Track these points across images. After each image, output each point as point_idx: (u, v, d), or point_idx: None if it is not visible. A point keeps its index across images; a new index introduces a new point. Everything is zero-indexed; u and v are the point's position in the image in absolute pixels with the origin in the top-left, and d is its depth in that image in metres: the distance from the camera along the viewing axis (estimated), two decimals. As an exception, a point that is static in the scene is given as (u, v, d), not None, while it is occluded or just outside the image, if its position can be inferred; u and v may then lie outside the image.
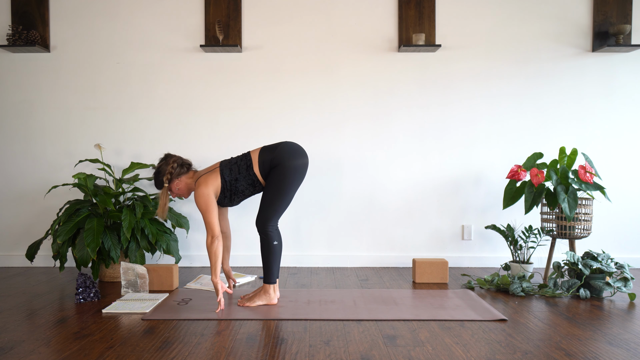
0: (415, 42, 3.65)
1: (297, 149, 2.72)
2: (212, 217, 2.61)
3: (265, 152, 2.72)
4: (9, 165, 3.84)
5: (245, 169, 2.70)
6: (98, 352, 2.06)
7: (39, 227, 3.85)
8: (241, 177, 2.70)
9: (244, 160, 2.73)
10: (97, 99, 3.83)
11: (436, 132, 3.83)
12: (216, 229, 2.61)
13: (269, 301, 2.72)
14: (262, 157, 2.70)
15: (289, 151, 2.69)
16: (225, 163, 2.75)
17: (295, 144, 2.76)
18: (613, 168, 3.82)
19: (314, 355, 2.03)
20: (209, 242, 2.61)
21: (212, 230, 2.61)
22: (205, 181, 2.68)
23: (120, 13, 3.80)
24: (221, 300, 2.62)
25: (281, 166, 2.66)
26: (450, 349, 2.10)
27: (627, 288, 2.90)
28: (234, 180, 2.69)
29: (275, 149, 2.72)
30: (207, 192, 2.64)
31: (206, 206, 2.62)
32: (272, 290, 2.72)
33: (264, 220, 2.68)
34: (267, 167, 2.70)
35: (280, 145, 2.73)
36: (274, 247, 2.69)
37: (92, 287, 2.87)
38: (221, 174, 2.70)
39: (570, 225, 3.25)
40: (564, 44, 3.80)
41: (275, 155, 2.68)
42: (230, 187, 2.70)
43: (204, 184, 2.67)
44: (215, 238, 2.60)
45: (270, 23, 3.80)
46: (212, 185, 2.67)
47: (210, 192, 2.65)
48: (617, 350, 2.10)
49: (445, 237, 3.87)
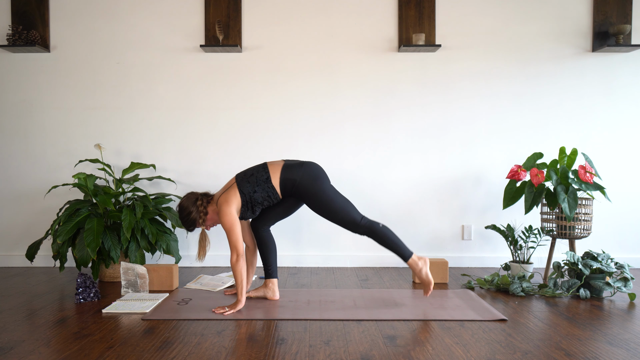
0: (415, 42, 3.65)
1: (319, 174, 2.73)
2: (237, 235, 2.61)
3: (288, 171, 2.70)
4: (9, 165, 3.84)
5: (264, 181, 2.69)
6: (98, 352, 2.06)
7: (39, 227, 3.85)
8: (259, 188, 2.69)
9: (261, 172, 2.71)
10: (97, 99, 3.83)
11: (436, 132, 3.83)
12: (240, 248, 2.61)
13: (425, 259, 2.75)
14: (284, 175, 2.69)
15: (313, 177, 2.70)
16: (242, 176, 2.73)
17: (317, 167, 2.75)
18: (613, 168, 3.82)
19: (314, 355, 2.03)
20: (233, 260, 2.60)
21: (236, 249, 2.60)
22: (227, 200, 2.66)
23: (120, 13, 3.80)
24: (227, 313, 2.58)
25: (312, 193, 2.68)
26: (450, 349, 2.10)
27: (627, 288, 2.90)
28: (253, 192, 2.69)
29: (299, 169, 2.70)
30: (230, 211, 2.63)
31: (230, 225, 2.61)
32: (421, 261, 2.75)
33: (351, 225, 2.70)
34: (289, 187, 2.70)
35: (303, 169, 2.71)
36: (383, 230, 2.69)
37: (92, 287, 2.87)
38: (239, 189, 2.68)
39: (570, 225, 3.25)
40: (564, 44, 3.80)
41: (300, 183, 2.68)
42: (250, 199, 2.69)
43: (226, 203, 2.65)
44: (240, 257, 2.60)
45: (270, 23, 3.80)
46: (234, 203, 2.66)
47: (233, 211, 2.65)
48: (617, 350, 2.10)
49: (445, 237, 3.87)
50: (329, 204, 2.68)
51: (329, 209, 2.69)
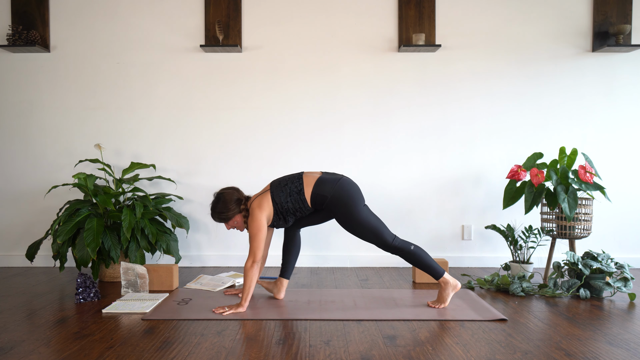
0: (415, 42, 3.65)
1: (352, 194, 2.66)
2: (260, 242, 2.60)
3: (321, 186, 2.65)
4: (9, 165, 3.84)
5: (297, 192, 2.67)
6: (98, 352, 2.06)
7: (39, 227, 3.85)
8: (291, 199, 2.67)
9: (295, 182, 2.69)
10: (97, 99, 3.83)
11: (436, 132, 3.83)
12: (259, 255, 2.60)
13: (455, 285, 2.71)
14: (316, 189, 2.64)
15: (345, 196, 2.64)
16: (276, 184, 2.72)
17: (351, 186, 2.69)
18: (613, 168, 3.82)
19: (314, 355, 2.03)
20: (248, 265, 2.59)
21: (254, 255, 2.59)
22: (260, 205, 2.65)
23: (120, 13, 3.80)
24: (227, 313, 2.57)
25: (342, 213, 2.64)
26: (450, 349, 2.10)
27: (627, 288, 2.90)
28: (285, 202, 2.67)
29: (332, 186, 2.64)
30: (261, 217, 2.62)
31: (257, 230, 2.61)
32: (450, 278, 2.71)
33: (382, 244, 2.66)
34: (319, 202, 2.66)
35: (337, 186, 2.65)
36: (415, 252, 2.67)
37: (92, 287, 2.87)
38: (272, 197, 2.67)
39: (570, 225, 3.25)
40: (564, 44, 3.80)
41: (331, 201, 2.64)
42: (282, 208, 2.68)
43: (259, 208, 2.64)
44: (256, 263, 2.60)
45: (270, 23, 3.80)
46: (266, 209, 2.66)
47: (264, 217, 2.64)
48: (617, 350, 2.10)
49: (445, 237, 3.87)
50: (360, 225, 2.64)
51: (359, 231, 2.66)
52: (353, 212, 2.64)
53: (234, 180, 3.75)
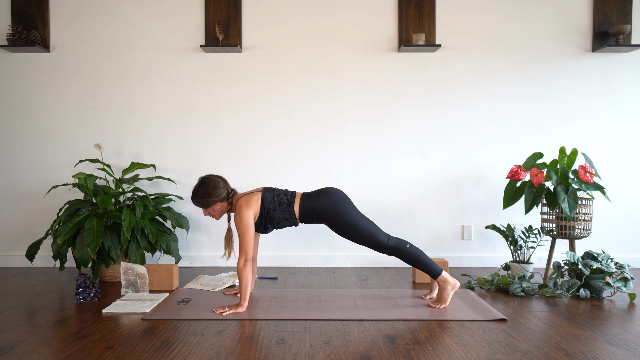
0: (415, 42, 3.65)
1: (338, 199, 2.71)
2: (249, 240, 2.61)
3: (307, 200, 2.72)
4: (9, 165, 3.84)
5: (287, 204, 2.70)
6: (98, 352, 2.06)
7: (39, 227, 3.85)
8: (280, 208, 2.69)
9: (287, 195, 2.73)
10: (97, 99, 3.82)
11: (436, 132, 3.83)
12: (250, 253, 2.61)
13: (455, 285, 2.71)
14: (303, 203, 2.71)
15: (332, 203, 2.69)
16: (270, 190, 2.75)
17: (336, 192, 2.74)
18: (613, 168, 3.82)
19: (314, 355, 2.03)
20: (241, 264, 2.60)
21: (246, 253, 2.60)
22: (247, 203, 2.66)
23: (120, 13, 3.80)
24: (226, 313, 2.57)
25: (334, 218, 2.68)
26: (450, 349, 2.10)
27: (627, 288, 2.90)
28: (272, 210, 2.69)
29: (317, 197, 2.71)
30: (248, 215, 2.63)
31: (246, 228, 2.61)
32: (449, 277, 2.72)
33: (378, 246, 2.69)
34: (309, 214, 2.71)
35: (321, 196, 2.71)
36: (410, 250, 2.70)
37: (92, 287, 2.87)
38: (262, 199, 2.69)
39: (570, 225, 3.25)
40: (564, 44, 3.80)
41: (320, 210, 2.68)
42: (268, 214, 2.70)
43: (246, 205, 2.65)
44: (248, 262, 2.61)
45: (270, 23, 3.80)
46: (254, 208, 2.67)
47: (251, 215, 2.65)
48: (617, 350, 2.10)
49: (445, 237, 3.87)
50: (353, 228, 2.68)
51: (353, 234, 2.69)
52: (343, 216, 2.67)
53: (234, 180, 3.75)
